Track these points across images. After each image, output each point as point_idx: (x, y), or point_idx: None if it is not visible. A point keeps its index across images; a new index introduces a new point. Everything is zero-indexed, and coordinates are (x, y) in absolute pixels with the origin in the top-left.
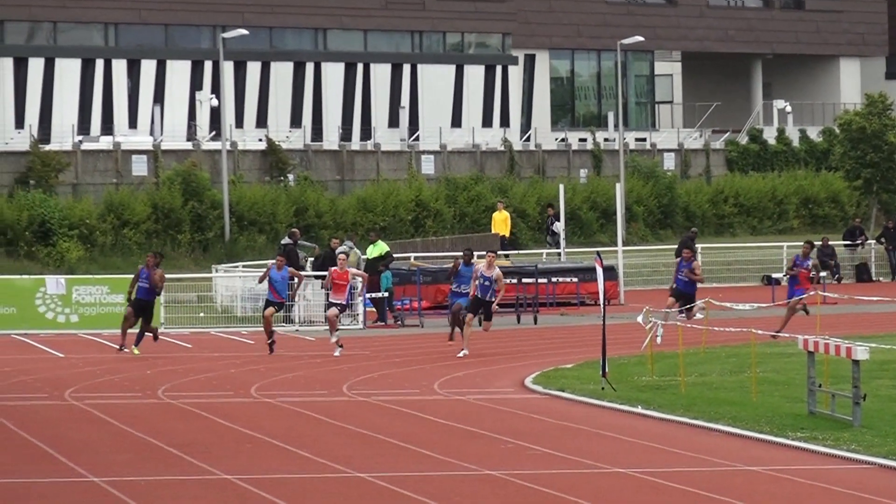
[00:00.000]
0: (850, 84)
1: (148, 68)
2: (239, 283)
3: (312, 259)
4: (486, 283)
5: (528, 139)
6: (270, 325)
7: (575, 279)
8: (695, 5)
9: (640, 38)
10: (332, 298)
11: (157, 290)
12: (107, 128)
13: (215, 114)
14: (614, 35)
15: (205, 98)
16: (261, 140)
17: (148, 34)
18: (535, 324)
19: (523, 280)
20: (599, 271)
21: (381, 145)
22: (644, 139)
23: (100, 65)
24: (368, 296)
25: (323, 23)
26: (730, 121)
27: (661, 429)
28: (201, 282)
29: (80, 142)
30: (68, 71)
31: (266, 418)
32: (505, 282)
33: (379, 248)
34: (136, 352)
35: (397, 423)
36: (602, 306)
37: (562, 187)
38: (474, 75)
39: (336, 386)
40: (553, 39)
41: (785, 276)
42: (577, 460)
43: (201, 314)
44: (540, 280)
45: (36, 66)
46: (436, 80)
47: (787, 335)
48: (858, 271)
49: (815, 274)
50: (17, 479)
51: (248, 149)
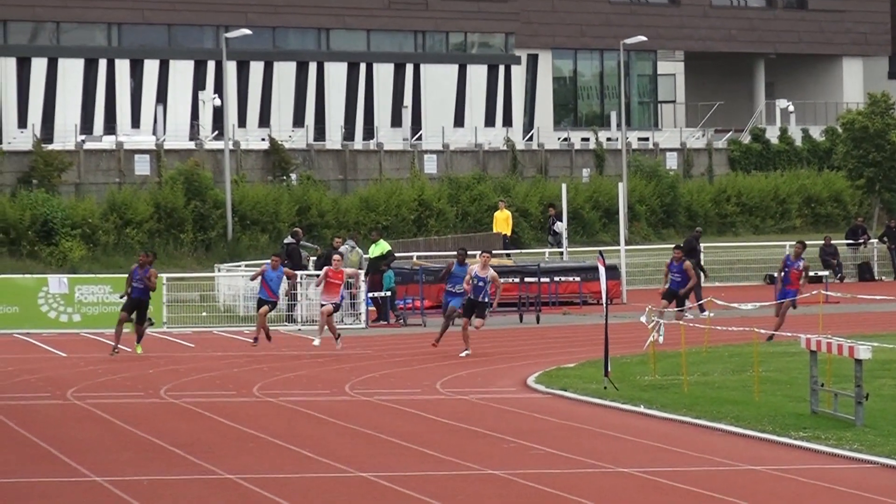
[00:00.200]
0: (853, 83)
1: (151, 68)
2: (241, 282)
3: (315, 258)
4: (480, 284)
5: (530, 139)
6: (265, 324)
7: (577, 278)
8: (698, 5)
9: (643, 38)
10: (323, 299)
11: (151, 288)
12: (110, 127)
13: (218, 113)
14: (617, 35)
15: (208, 98)
16: (263, 139)
17: (151, 34)
18: (538, 323)
19: (526, 279)
20: (602, 270)
21: (383, 145)
22: (647, 139)
23: (103, 64)
24: (371, 295)
25: (326, 23)
26: (732, 120)
27: (664, 428)
28: (204, 281)
29: (83, 141)
30: (71, 71)
31: (268, 418)
32: (501, 281)
33: (381, 248)
34: (139, 350)
35: (399, 422)
36: (605, 306)
37: (564, 187)
38: (477, 75)
39: (338, 385)
40: (556, 39)
41: (766, 279)
42: (580, 460)
43: (204, 313)
44: (542, 279)
45: (39, 65)
46: (439, 79)
47: (788, 334)
48: (861, 270)
49: (805, 275)
50: (20, 478)
51: (251, 148)
